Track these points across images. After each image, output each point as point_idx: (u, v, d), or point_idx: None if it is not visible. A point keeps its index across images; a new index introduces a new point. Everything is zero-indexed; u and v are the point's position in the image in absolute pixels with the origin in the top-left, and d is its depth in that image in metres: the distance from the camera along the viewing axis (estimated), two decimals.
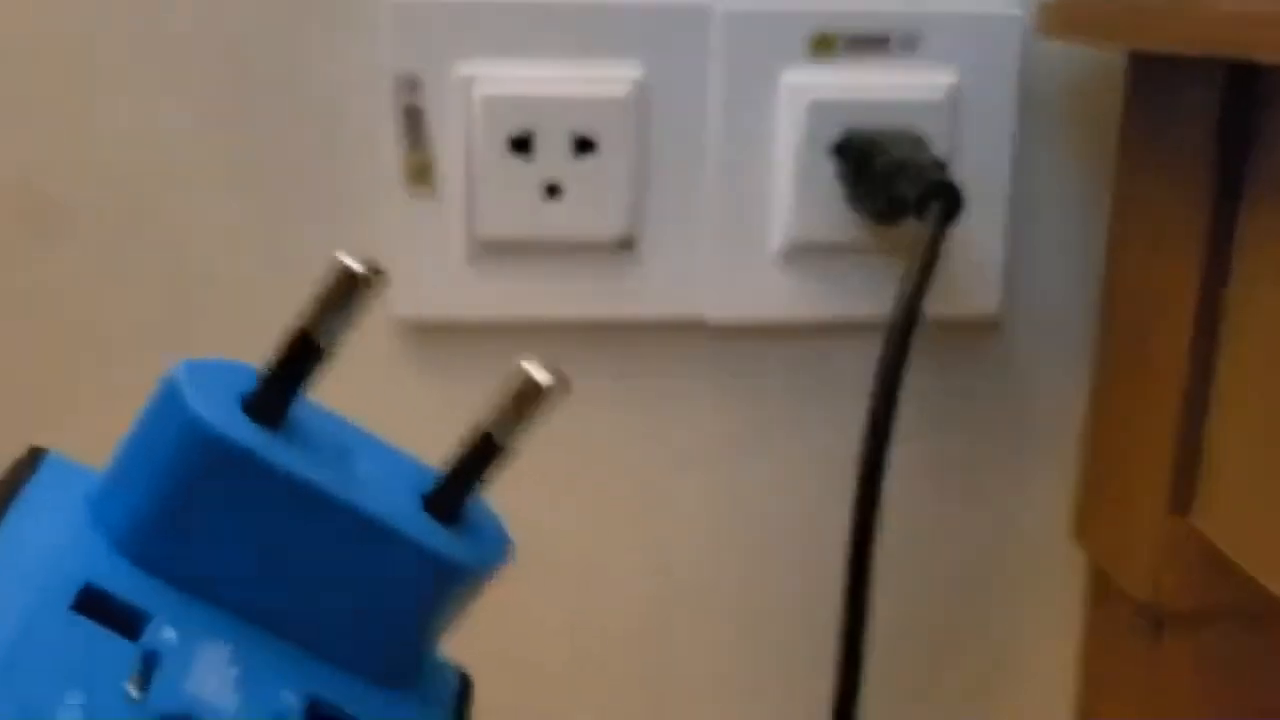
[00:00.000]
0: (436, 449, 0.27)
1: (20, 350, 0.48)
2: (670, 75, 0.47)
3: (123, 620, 0.23)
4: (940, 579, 0.55)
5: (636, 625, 0.54)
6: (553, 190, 0.47)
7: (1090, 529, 0.52)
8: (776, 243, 0.49)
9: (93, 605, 0.23)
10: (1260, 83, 0.41)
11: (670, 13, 0.47)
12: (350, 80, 0.47)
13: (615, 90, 0.47)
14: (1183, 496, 0.45)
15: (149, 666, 0.22)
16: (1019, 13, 0.49)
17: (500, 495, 0.27)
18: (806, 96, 0.47)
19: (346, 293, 0.23)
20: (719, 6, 0.47)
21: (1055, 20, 0.45)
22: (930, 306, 0.44)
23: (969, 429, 0.53)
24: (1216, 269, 0.43)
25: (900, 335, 0.42)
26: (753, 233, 0.49)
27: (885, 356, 0.42)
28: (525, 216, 0.47)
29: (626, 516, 0.53)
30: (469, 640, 0.29)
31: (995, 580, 0.55)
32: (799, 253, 0.49)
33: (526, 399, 0.25)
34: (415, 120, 0.47)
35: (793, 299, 0.50)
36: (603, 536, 0.53)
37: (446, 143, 0.47)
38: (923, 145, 0.47)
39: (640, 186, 0.48)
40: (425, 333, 0.49)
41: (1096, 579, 0.53)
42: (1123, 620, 0.50)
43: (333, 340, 0.24)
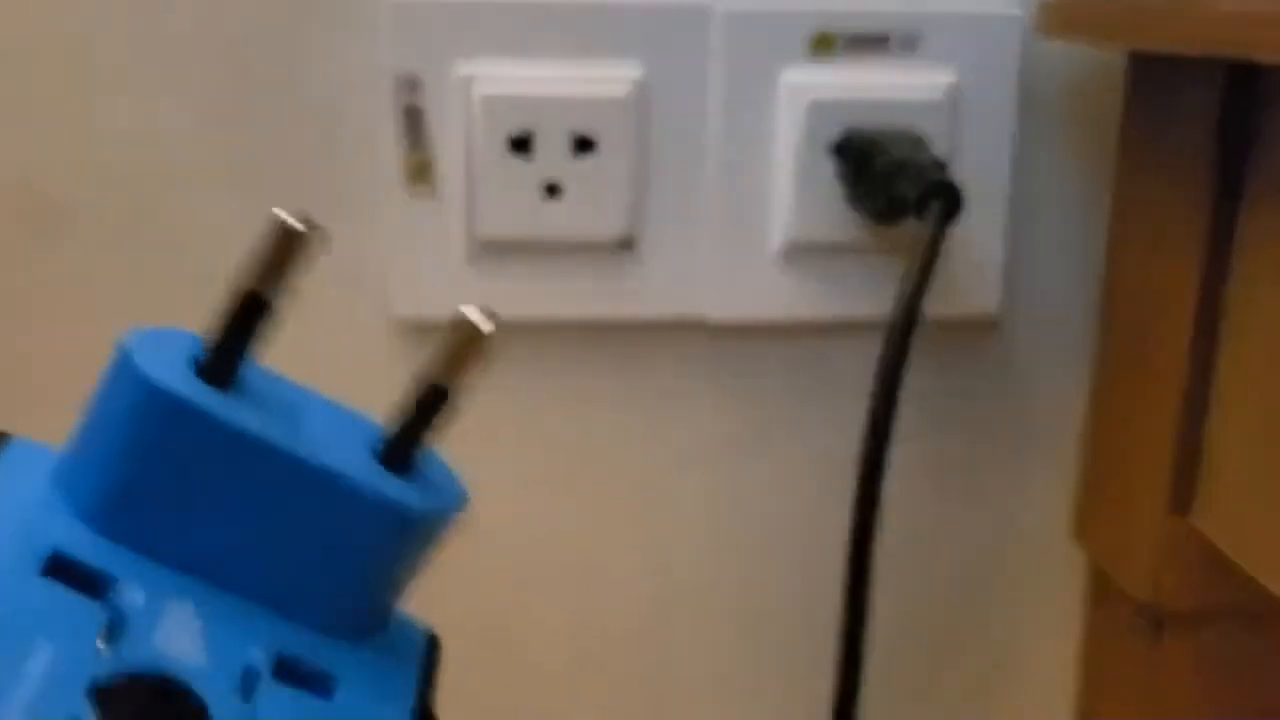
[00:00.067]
0: None
1: (20, 350, 0.48)
2: (670, 75, 0.47)
3: (90, 585, 0.23)
4: (940, 579, 0.55)
5: (636, 625, 0.54)
6: (552, 190, 0.47)
7: (1090, 529, 0.52)
8: (776, 242, 0.49)
9: (61, 572, 0.23)
10: (1260, 83, 0.41)
11: (670, 13, 0.47)
12: (350, 80, 0.47)
13: (615, 90, 0.47)
14: (1183, 496, 0.45)
15: (117, 626, 0.23)
16: (1019, 13, 0.49)
17: (500, 495, 0.27)
18: (806, 96, 0.47)
19: (286, 249, 0.24)
20: (719, 6, 0.47)
21: (1055, 20, 0.45)
22: (930, 306, 0.44)
23: (969, 429, 0.53)
24: (1216, 269, 0.43)
25: (900, 335, 0.42)
26: (753, 233, 0.49)
27: (885, 356, 0.42)
28: (525, 216, 0.47)
29: (626, 516, 0.53)
30: (469, 640, 0.29)
31: (995, 580, 0.55)
32: (799, 253, 0.49)
33: (469, 345, 0.26)
34: (415, 120, 0.47)
35: (793, 299, 0.50)
36: (603, 536, 0.53)
37: (446, 142, 0.47)
38: (923, 145, 0.47)
39: (640, 186, 0.48)
40: (425, 333, 0.49)
41: (1096, 579, 0.53)
42: (1123, 620, 0.50)
43: (276, 298, 0.24)
